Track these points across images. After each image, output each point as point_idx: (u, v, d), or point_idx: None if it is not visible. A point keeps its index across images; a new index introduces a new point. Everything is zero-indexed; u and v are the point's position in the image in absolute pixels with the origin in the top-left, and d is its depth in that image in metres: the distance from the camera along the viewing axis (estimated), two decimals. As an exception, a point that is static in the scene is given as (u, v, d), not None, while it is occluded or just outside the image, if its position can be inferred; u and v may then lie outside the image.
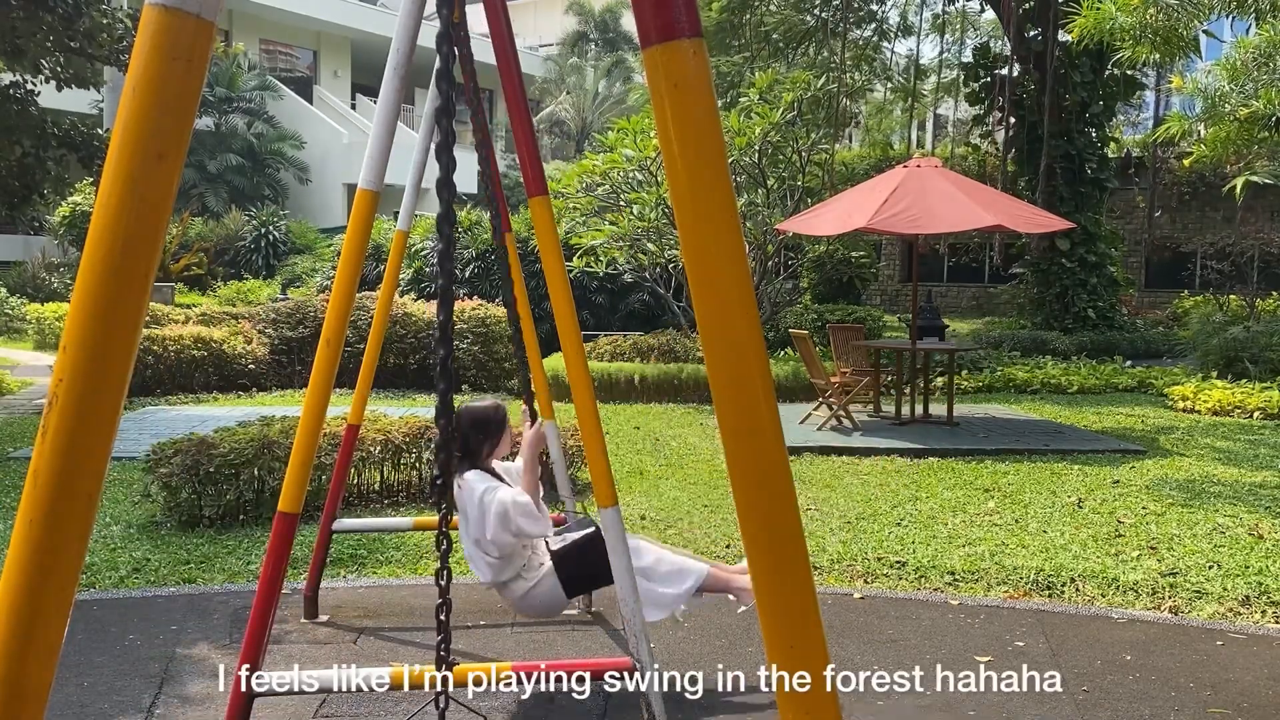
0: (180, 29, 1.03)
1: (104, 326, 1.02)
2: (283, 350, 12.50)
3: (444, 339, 1.97)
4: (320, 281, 19.80)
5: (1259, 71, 9.13)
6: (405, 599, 4.92)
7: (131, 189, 1.02)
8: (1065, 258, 17.46)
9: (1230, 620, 4.74)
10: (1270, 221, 21.59)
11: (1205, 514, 6.60)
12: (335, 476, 4.80)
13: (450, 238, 2.02)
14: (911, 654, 4.25)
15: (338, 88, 33.91)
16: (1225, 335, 13.28)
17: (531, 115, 3.39)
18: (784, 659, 1.06)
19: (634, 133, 12.39)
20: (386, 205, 6.63)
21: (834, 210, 10.37)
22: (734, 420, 1.06)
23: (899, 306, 23.35)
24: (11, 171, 10.68)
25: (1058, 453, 8.67)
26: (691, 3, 1.04)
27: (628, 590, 3.13)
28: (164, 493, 6.15)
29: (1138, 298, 22.58)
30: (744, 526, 1.08)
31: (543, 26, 40.81)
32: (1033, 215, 10.32)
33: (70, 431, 1.01)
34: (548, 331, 4.90)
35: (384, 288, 4.60)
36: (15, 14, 9.15)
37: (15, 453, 8.31)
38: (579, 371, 3.13)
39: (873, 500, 6.93)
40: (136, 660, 4.14)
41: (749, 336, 1.05)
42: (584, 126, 35.26)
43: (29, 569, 1.00)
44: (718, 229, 1.05)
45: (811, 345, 10.22)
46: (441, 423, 2.10)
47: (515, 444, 4.34)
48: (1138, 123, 29.26)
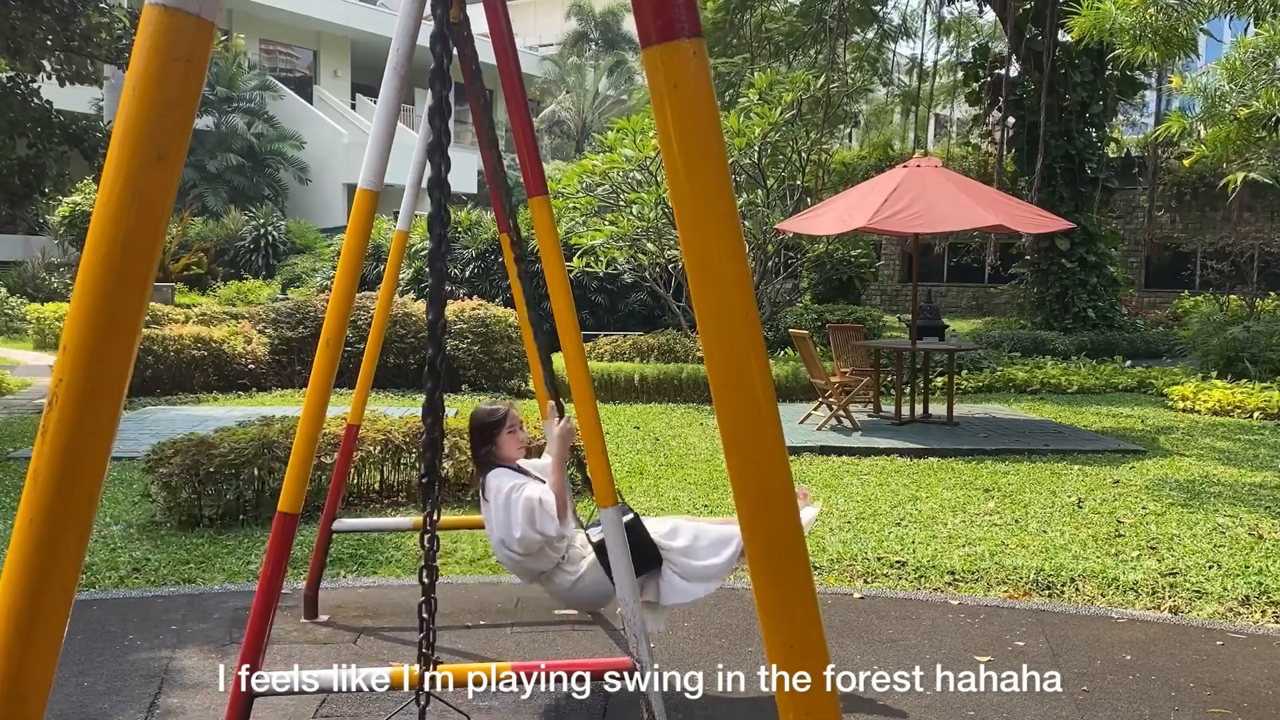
0: (180, 29, 1.03)
1: (104, 326, 1.02)
2: (283, 350, 12.50)
3: (434, 338, 1.97)
4: (320, 281, 19.81)
5: (1258, 71, 9.13)
6: (405, 599, 4.92)
7: (131, 189, 1.02)
8: (1065, 258, 17.47)
9: (1230, 620, 4.75)
10: (1270, 221, 21.59)
11: (1205, 514, 6.60)
12: (335, 476, 4.80)
13: (441, 237, 2.02)
14: (911, 654, 4.25)
15: (338, 88, 33.91)
16: (1225, 335, 13.28)
17: (531, 115, 3.39)
18: (784, 659, 1.06)
19: (634, 133, 12.39)
20: (386, 205, 6.63)
21: (834, 210, 10.37)
22: (734, 420, 1.06)
23: (899, 306, 23.34)
24: (13, 169, 10.69)
25: (1058, 453, 8.67)
26: (692, 3, 1.04)
27: (628, 590, 3.13)
28: (164, 493, 6.15)
29: (1138, 298, 22.58)
30: (744, 526, 1.08)
31: (543, 26, 40.81)
32: (1033, 215, 10.32)
33: (70, 431, 1.01)
34: (547, 331, 4.90)
35: (384, 288, 4.60)
36: (14, 14, 9.15)
37: (15, 453, 8.31)
38: (579, 371, 3.13)
39: (873, 500, 6.93)
40: (136, 660, 4.14)
41: (749, 336, 1.05)
42: (584, 126, 35.26)
43: (29, 569, 1.00)
44: (718, 229, 1.05)
45: (811, 345, 10.22)
46: (429, 421, 2.10)
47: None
48: (1137, 123, 29.27)
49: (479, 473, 3.80)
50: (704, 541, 3.67)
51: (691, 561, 3.61)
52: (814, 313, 16.48)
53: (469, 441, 3.89)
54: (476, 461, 3.84)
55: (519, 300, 4.68)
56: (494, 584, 5.17)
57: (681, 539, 3.65)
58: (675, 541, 3.63)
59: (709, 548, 3.66)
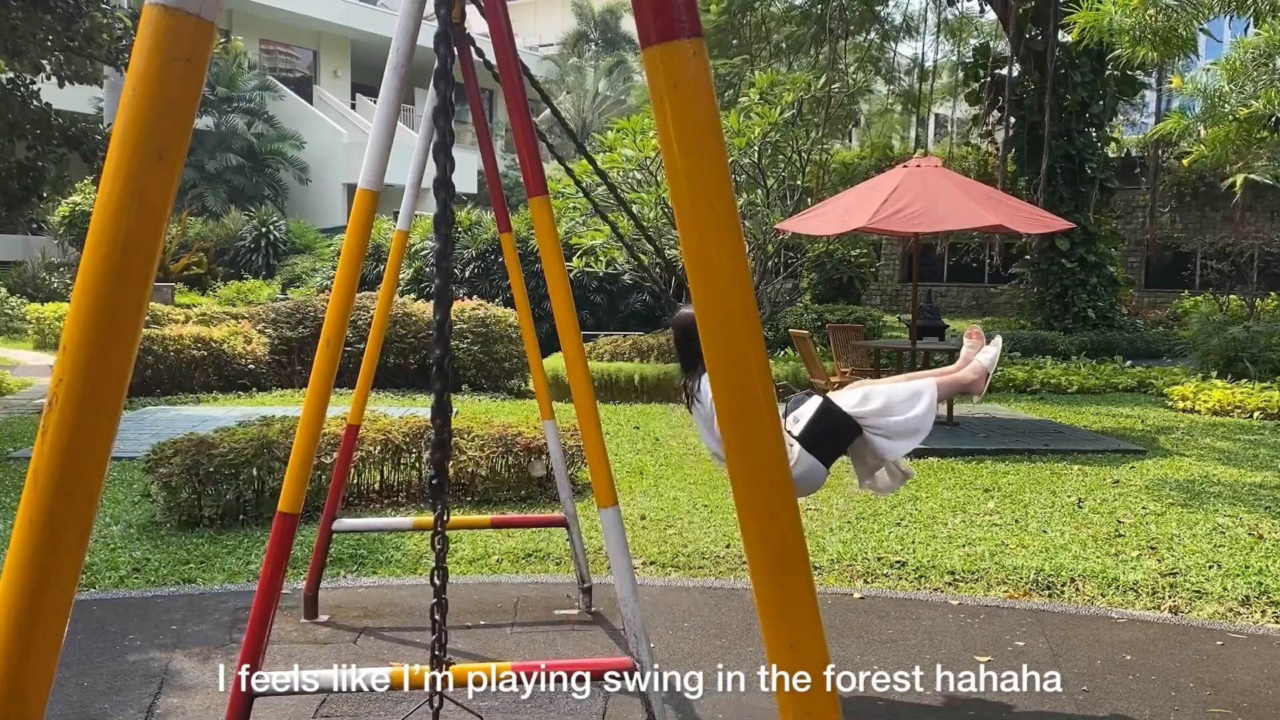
0: (180, 29, 1.03)
1: (104, 326, 1.02)
2: (283, 350, 12.50)
3: (441, 339, 1.97)
4: (320, 281, 19.80)
5: (1258, 71, 9.13)
6: (405, 599, 4.92)
7: (131, 189, 1.02)
8: (1065, 258, 17.47)
9: (1230, 620, 4.75)
10: (1270, 221, 21.59)
11: (1205, 514, 6.60)
12: (335, 476, 4.79)
13: (447, 237, 2.02)
14: (911, 654, 4.25)
15: (338, 88, 33.91)
16: (1225, 335, 13.28)
17: (531, 115, 3.39)
18: (784, 659, 1.06)
19: (633, 133, 12.39)
20: (386, 205, 6.63)
21: (834, 210, 10.37)
22: (733, 419, 1.06)
23: (899, 306, 23.34)
24: (11, 172, 10.67)
25: (1058, 453, 8.67)
26: (692, 3, 1.04)
27: (628, 590, 3.13)
28: (164, 493, 6.15)
29: (1138, 298, 22.58)
30: (744, 526, 1.08)
31: (543, 26, 40.81)
32: (1033, 215, 10.32)
33: (70, 431, 1.01)
34: (548, 331, 4.90)
35: (384, 288, 4.60)
36: (15, 14, 9.14)
37: (15, 453, 8.31)
38: (579, 371, 3.13)
39: (873, 500, 6.92)
40: (136, 660, 4.14)
41: (749, 336, 1.05)
42: (584, 126, 35.23)
43: (29, 569, 1.00)
44: (718, 229, 1.05)
45: (811, 345, 10.22)
46: (438, 422, 2.10)
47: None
48: (1137, 123, 29.26)
49: (686, 377, 3.90)
50: (898, 398, 3.74)
51: (891, 419, 3.69)
52: (814, 313, 16.48)
53: (677, 349, 3.95)
54: (684, 367, 3.94)
55: (519, 300, 4.68)
56: (494, 584, 5.18)
57: (875, 401, 3.73)
58: (869, 405, 3.72)
59: (904, 403, 3.73)
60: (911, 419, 3.72)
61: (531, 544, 5.77)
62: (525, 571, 5.40)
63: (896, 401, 3.74)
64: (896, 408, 3.72)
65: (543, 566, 5.48)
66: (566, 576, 5.21)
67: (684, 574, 5.38)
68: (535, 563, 5.53)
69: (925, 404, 3.73)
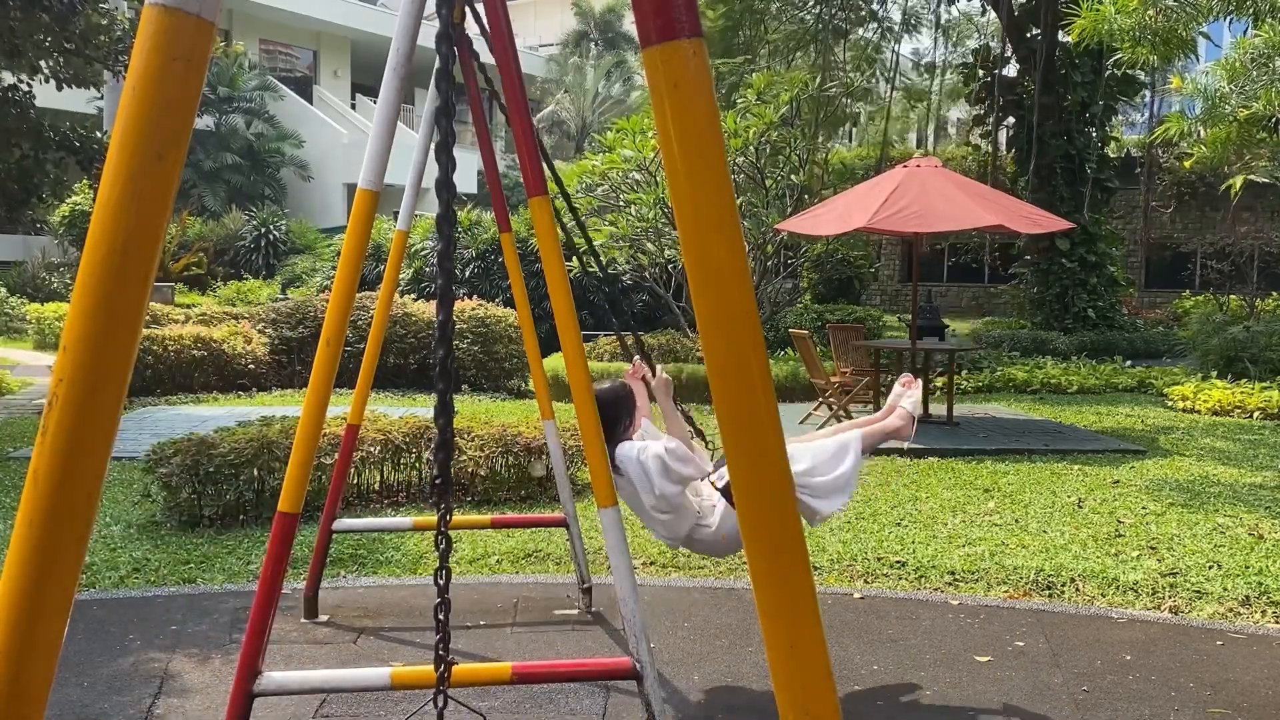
0: (180, 29, 1.03)
1: (104, 326, 1.02)
2: (283, 350, 12.50)
3: (444, 339, 1.96)
4: (320, 281, 19.80)
5: (1258, 72, 9.12)
6: (405, 599, 4.93)
7: (131, 189, 1.02)
8: (1065, 258, 17.47)
9: (1230, 620, 4.75)
10: (1270, 221, 21.60)
11: (1205, 514, 6.60)
12: (335, 476, 4.80)
13: (450, 238, 2.01)
14: (911, 654, 4.25)
15: (338, 88, 33.91)
16: (1225, 335, 13.28)
17: (531, 115, 3.39)
18: (784, 659, 1.06)
19: (633, 133, 12.39)
20: (386, 205, 6.63)
21: (833, 210, 10.37)
22: (733, 420, 1.06)
23: (899, 306, 23.34)
24: (10, 174, 10.66)
25: (1058, 453, 8.67)
26: (692, 3, 1.04)
27: (628, 590, 3.13)
28: (164, 493, 6.15)
29: (1138, 298, 22.59)
30: (744, 526, 1.08)
31: (543, 26, 40.82)
32: (1033, 215, 10.31)
33: (70, 431, 1.01)
34: (547, 331, 4.91)
35: (384, 288, 4.60)
36: (12, 14, 9.13)
37: (15, 453, 8.31)
38: (579, 371, 3.13)
39: (873, 500, 6.93)
40: (136, 660, 4.14)
41: (749, 336, 1.05)
42: (584, 126, 35.25)
43: (29, 569, 1.00)
44: (718, 229, 1.05)
45: (811, 345, 10.21)
46: (441, 422, 2.09)
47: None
48: (1137, 123, 29.27)
49: (609, 449, 3.82)
50: (823, 456, 3.71)
51: (817, 480, 3.66)
52: (814, 313, 16.48)
53: (605, 415, 3.69)
54: (609, 436, 3.87)
55: (519, 300, 4.69)
56: (494, 584, 5.18)
57: (801, 462, 3.67)
58: (796, 466, 3.65)
59: (829, 461, 3.70)
60: (839, 477, 3.69)
61: (531, 544, 5.77)
62: (525, 571, 5.39)
63: (822, 460, 3.70)
64: (822, 466, 3.69)
65: (543, 566, 5.47)
66: (566, 576, 5.21)
67: (684, 574, 5.38)
68: (535, 563, 5.53)
69: (851, 461, 3.71)
